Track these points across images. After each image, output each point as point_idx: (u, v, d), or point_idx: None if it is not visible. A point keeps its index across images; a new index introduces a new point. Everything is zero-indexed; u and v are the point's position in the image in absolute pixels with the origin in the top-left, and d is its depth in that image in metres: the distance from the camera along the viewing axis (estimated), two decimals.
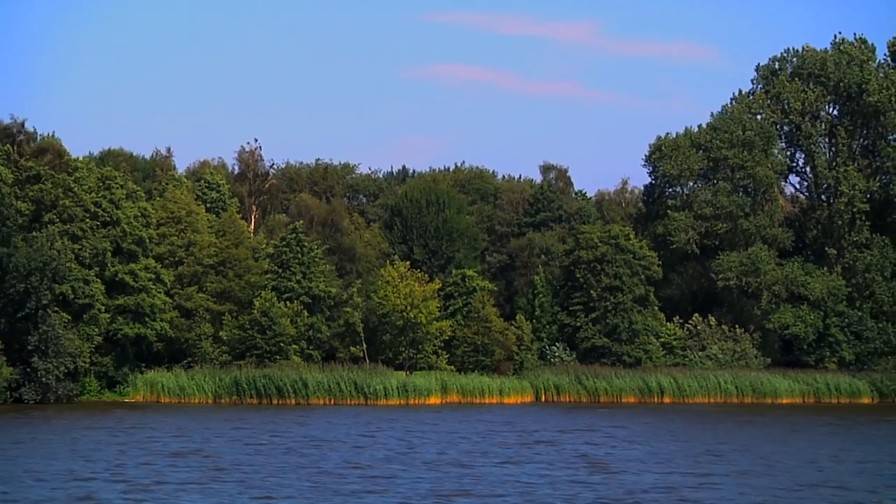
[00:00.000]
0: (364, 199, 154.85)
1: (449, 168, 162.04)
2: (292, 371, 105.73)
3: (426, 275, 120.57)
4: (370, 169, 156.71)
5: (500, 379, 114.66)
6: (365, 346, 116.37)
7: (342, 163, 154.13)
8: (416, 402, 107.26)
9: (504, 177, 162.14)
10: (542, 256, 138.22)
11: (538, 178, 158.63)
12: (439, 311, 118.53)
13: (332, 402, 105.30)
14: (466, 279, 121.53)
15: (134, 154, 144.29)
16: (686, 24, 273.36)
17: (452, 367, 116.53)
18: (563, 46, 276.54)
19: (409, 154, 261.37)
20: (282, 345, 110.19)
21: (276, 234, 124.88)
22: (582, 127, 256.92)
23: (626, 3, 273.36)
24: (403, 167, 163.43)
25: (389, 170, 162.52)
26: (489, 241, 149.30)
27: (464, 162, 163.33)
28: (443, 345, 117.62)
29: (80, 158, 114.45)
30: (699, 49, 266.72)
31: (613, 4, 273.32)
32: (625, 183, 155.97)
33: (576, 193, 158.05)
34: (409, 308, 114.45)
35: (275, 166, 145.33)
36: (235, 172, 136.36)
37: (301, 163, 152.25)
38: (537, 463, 60.80)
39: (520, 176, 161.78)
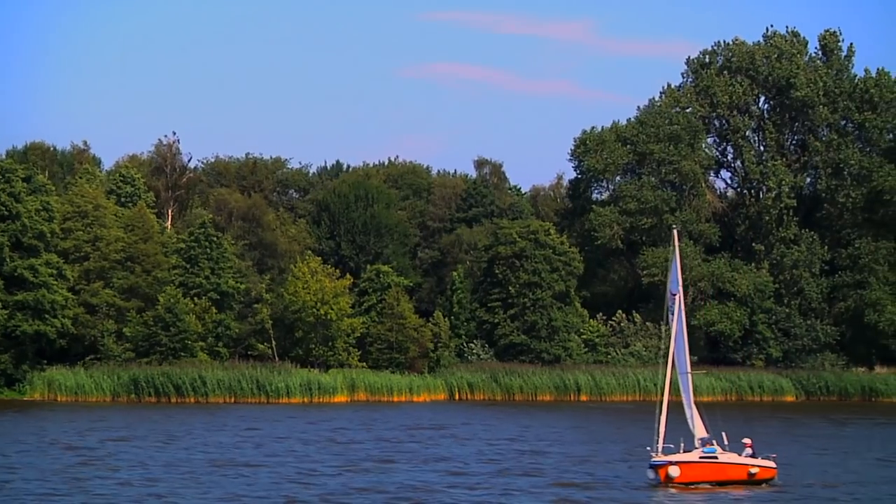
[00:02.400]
0: (295, 195, 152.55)
1: (383, 163, 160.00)
2: (192, 369, 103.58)
3: (337, 270, 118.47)
4: (300, 164, 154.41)
5: (412, 377, 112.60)
6: (274, 343, 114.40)
7: (273, 157, 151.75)
8: (321, 400, 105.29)
9: (439, 172, 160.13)
10: (471, 252, 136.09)
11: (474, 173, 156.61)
12: (353, 307, 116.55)
13: (233, 400, 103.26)
14: (381, 275, 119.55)
15: (56, 148, 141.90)
16: (682, 22, 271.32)
17: (364, 364, 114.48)
18: (560, 45, 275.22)
19: (404, 152, 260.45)
20: (187, 342, 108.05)
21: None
22: (570, 122, 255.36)
23: (622, 1, 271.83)
24: (337, 162, 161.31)
25: (323, 164, 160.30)
26: (421, 237, 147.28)
27: (397, 157, 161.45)
28: (356, 342, 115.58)
29: None
30: (696, 47, 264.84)
31: (610, 3, 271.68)
32: (560, 178, 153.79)
33: (510, 188, 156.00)
34: (318, 304, 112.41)
35: (198, 160, 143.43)
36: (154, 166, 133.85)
37: (231, 157, 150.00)
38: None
39: (455, 171, 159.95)
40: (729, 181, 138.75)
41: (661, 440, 52.88)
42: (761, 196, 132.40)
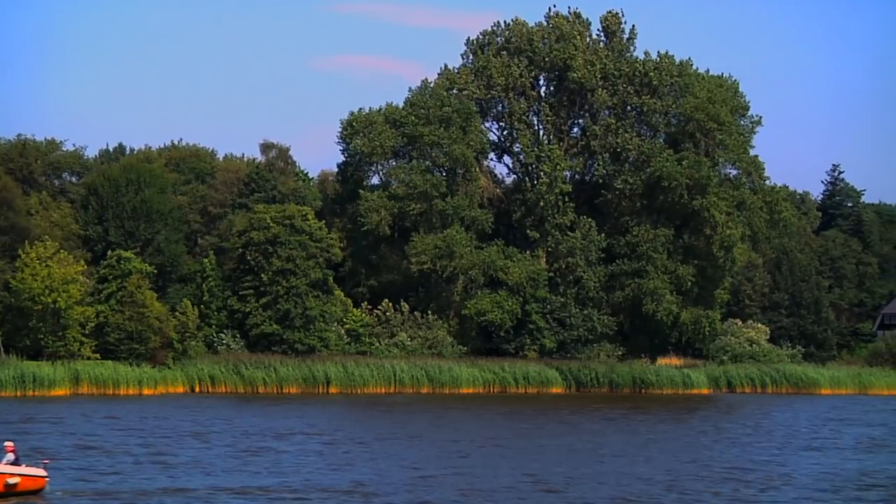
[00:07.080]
0: (70, 178, 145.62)
1: (166, 146, 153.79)
2: None
3: (71, 256, 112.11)
4: (75, 146, 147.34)
5: (144, 369, 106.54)
6: (0, 333, 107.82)
7: (47, 139, 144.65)
8: (37, 393, 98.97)
9: (226, 155, 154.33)
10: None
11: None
12: (91, 295, 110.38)
13: None
14: (122, 261, 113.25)
15: None
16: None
17: (98, 355, 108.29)
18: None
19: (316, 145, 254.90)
20: None
21: None
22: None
23: None
24: (120, 144, 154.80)
25: (105, 147, 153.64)
26: (202, 223, 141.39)
27: (181, 139, 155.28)
28: (91, 332, 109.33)
29: None
30: None
31: None
32: None
33: (297, 174, 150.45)
34: (46, 292, 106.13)
35: None
36: None
37: (2, 138, 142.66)
38: None
39: (242, 155, 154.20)
40: (510, 166, 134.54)
41: None
42: (536, 181, 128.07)
